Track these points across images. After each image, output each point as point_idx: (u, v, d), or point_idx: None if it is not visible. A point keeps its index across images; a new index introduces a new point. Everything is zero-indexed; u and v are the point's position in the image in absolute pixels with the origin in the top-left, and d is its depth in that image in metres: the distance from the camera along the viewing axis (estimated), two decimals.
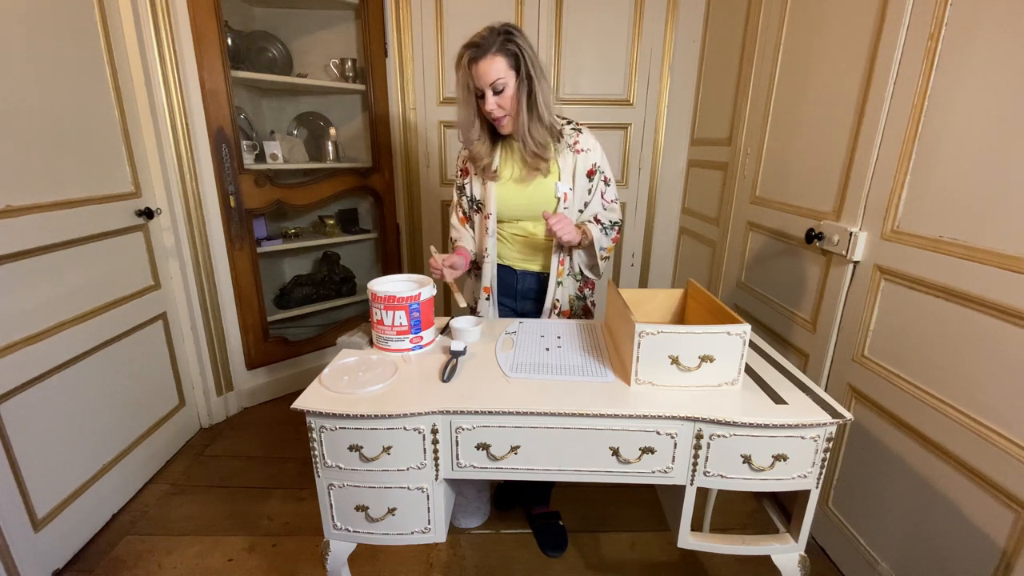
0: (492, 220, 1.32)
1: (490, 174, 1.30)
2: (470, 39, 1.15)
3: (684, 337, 0.93)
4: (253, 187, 2.11)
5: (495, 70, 1.13)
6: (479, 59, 1.13)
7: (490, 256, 1.34)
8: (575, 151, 1.28)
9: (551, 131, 1.24)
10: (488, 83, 1.13)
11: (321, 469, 0.96)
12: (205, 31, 1.87)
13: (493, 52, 1.12)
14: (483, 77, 1.13)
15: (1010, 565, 0.97)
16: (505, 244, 1.38)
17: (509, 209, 1.32)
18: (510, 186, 1.30)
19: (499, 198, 1.30)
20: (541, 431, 0.93)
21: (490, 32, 1.14)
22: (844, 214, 1.38)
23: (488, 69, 1.12)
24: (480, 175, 1.32)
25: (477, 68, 1.13)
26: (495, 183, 1.30)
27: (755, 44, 1.86)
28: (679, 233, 2.71)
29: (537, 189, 1.29)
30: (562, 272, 1.35)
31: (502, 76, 1.13)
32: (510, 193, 1.30)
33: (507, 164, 1.32)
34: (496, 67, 1.12)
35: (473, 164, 1.33)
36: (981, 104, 1.02)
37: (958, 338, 1.07)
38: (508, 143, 1.32)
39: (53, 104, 1.42)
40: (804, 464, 0.91)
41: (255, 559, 1.48)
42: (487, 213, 1.31)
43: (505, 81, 1.14)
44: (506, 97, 1.16)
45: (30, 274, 1.35)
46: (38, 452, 1.37)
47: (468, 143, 1.30)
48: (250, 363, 2.27)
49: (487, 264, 1.35)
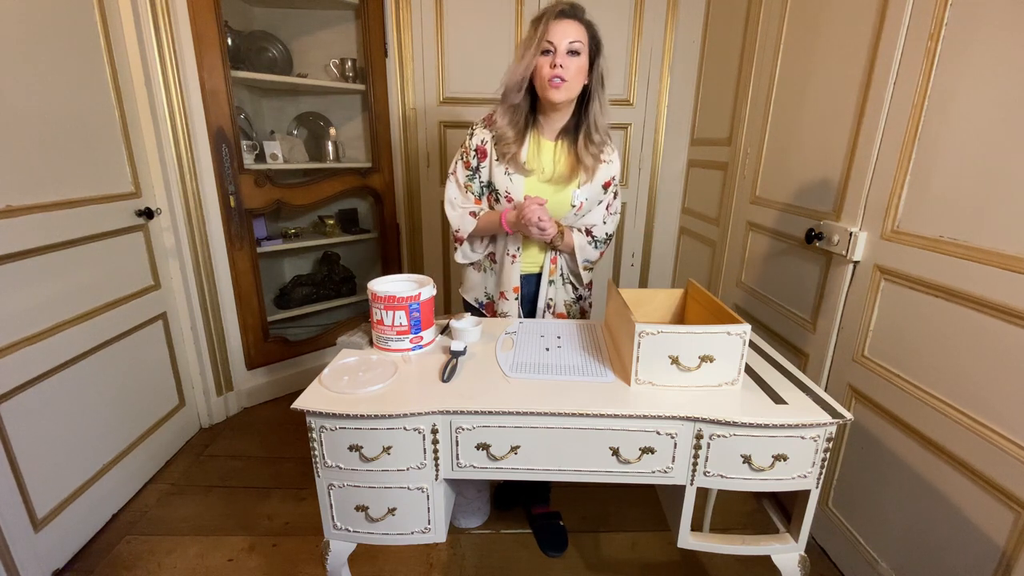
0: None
1: (519, 166, 1.20)
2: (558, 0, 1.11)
3: (684, 337, 0.93)
4: (253, 187, 2.11)
5: (578, 32, 1.09)
6: (570, 17, 1.09)
7: (520, 253, 1.30)
8: (600, 161, 1.25)
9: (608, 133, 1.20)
10: (567, 40, 1.08)
11: (321, 469, 0.96)
12: (205, 31, 1.87)
13: (582, 20, 1.10)
14: (565, 33, 1.08)
15: (1010, 565, 0.97)
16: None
17: None
18: (540, 186, 1.23)
19: (527, 194, 1.21)
20: (541, 431, 0.93)
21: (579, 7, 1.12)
22: (844, 214, 1.38)
23: (571, 28, 1.09)
24: (508, 164, 1.21)
25: (561, 24, 1.08)
26: (524, 178, 1.21)
27: (755, 44, 1.86)
28: (679, 233, 2.71)
29: (559, 193, 1.23)
30: (554, 271, 1.34)
31: (581, 40, 1.09)
32: (538, 193, 1.21)
33: (535, 160, 1.23)
34: (579, 31, 1.09)
35: (497, 147, 1.21)
36: (981, 104, 1.02)
37: (958, 338, 1.07)
38: (537, 138, 1.23)
39: (53, 104, 1.42)
40: (804, 464, 0.91)
41: (255, 559, 1.48)
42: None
43: (581, 47, 1.10)
44: (575, 62, 1.10)
45: (30, 274, 1.35)
46: (38, 452, 1.37)
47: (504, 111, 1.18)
48: (250, 363, 2.27)
49: (515, 264, 1.30)
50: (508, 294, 1.36)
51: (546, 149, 1.23)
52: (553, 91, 1.10)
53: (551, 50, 1.08)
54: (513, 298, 1.36)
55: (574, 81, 1.11)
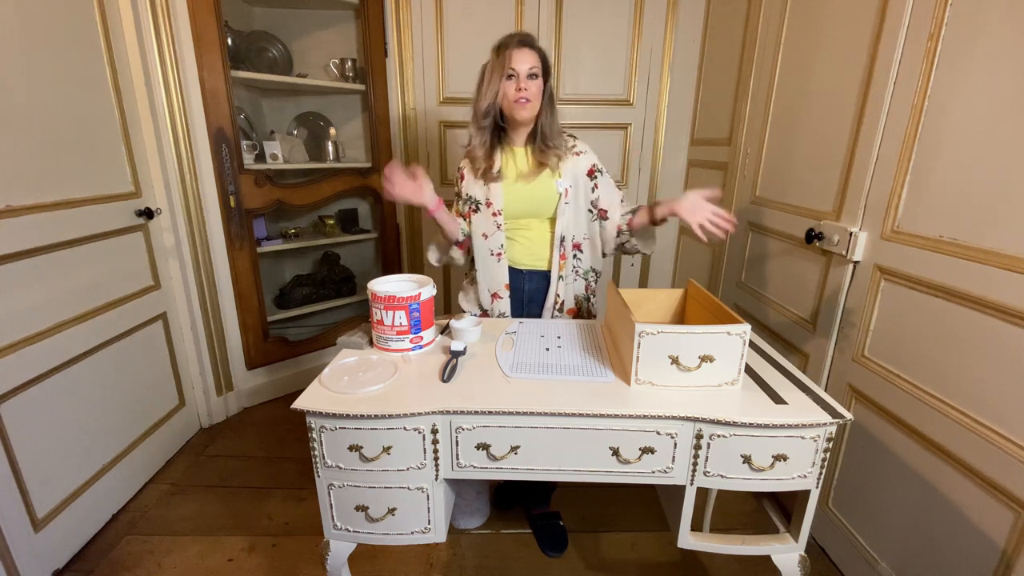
0: (501, 217, 1.35)
1: (492, 176, 1.35)
2: (513, 33, 1.29)
3: (684, 337, 0.93)
4: (253, 187, 2.11)
5: (534, 59, 1.27)
6: (527, 45, 1.26)
7: (504, 252, 1.37)
8: (574, 154, 1.37)
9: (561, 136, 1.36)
10: (528, 66, 1.25)
11: (321, 469, 0.96)
12: (205, 31, 1.87)
13: (535, 47, 1.28)
14: (526, 61, 1.25)
15: (1010, 565, 0.97)
16: (511, 242, 1.38)
17: (514, 205, 1.35)
18: (516, 185, 1.35)
19: (505, 195, 1.35)
20: (541, 431, 0.93)
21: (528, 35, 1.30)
22: (844, 214, 1.38)
23: (530, 56, 1.27)
24: (481, 178, 1.36)
25: (521, 52, 1.25)
26: (500, 183, 1.35)
27: (755, 44, 1.86)
28: (679, 233, 2.71)
29: (540, 187, 1.34)
30: (563, 267, 1.36)
31: (537, 67, 1.27)
32: (515, 191, 1.35)
33: (509, 167, 1.37)
34: (535, 59, 1.27)
35: (472, 165, 1.38)
36: (981, 104, 1.02)
37: (958, 338, 1.07)
38: (509, 149, 1.38)
39: (53, 104, 1.42)
40: (804, 464, 0.91)
41: (255, 559, 1.48)
42: (496, 210, 1.34)
43: (538, 71, 1.27)
44: (535, 84, 1.27)
45: (30, 274, 1.35)
46: (38, 452, 1.37)
47: (475, 134, 1.35)
48: (250, 363, 2.27)
49: (501, 263, 1.37)
50: (501, 292, 1.39)
51: (519, 155, 1.38)
52: (520, 109, 1.27)
53: (514, 75, 1.25)
54: (506, 295, 1.38)
55: (536, 100, 1.28)
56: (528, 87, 1.25)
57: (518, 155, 1.37)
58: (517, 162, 1.37)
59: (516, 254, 1.39)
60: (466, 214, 1.40)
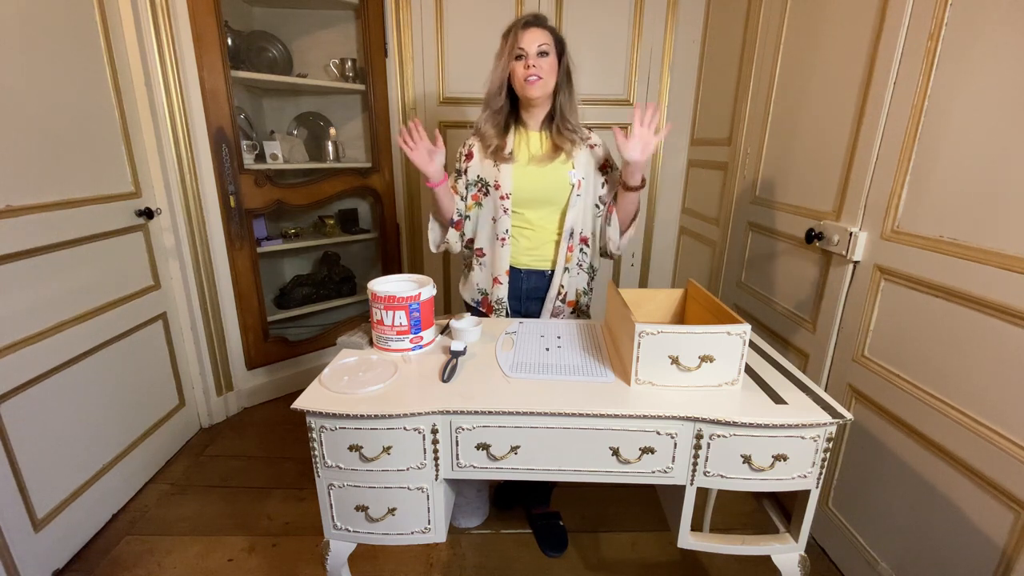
0: (509, 201, 1.33)
1: (503, 156, 1.33)
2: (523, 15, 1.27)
3: (684, 337, 0.93)
4: (253, 187, 2.11)
5: (543, 37, 1.25)
6: (535, 25, 1.24)
7: (509, 237, 1.35)
8: (589, 146, 1.36)
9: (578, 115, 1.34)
10: (536, 44, 1.23)
11: (321, 469, 0.96)
12: (205, 31, 1.87)
13: (546, 27, 1.26)
14: (533, 39, 1.23)
15: (1010, 565, 0.97)
16: (513, 240, 1.37)
17: (524, 191, 1.33)
18: (528, 168, 1.33)
19: (515, 178, 1.33)
20: (541, 431, 0.93)
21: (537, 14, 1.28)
22: (844, 214, 1.38)
23: (539, 34, 1.24)
24: (491, 157, 1.33)
25: (528, 32, 1.23)
26: (511, 165, 1.32)
27: (755, 44, 1.86)
28: (679, 233, 2.71)
29: (553, 172, 1.33)
30: (571, 259, 1.36)
31: (548, 43, 1.24)
32: (527, 175, 1.33)
33: (522, 149, 1.35)
34: (545, 36, 1.25)
35: (481, 143, 1.35)
36: (981, 104, 1.02)
37: (958, 338, 1.07)
38: (523, 131, 1.36)
39: (53, 105, 1.42)
40: (804, 464, 0.91)
41: (255, 559, 1.48)
42: (504, 193, 1.32)
43: (549, 48, 1.25)
44: (546, 61, 1.25)
45: (30, 274, 1.35)
46: (38, 452, 1.37)
47: (487, 116, 1.34)
48: (250, 363, 2.27)
49: (505, 247, 1.35)
50: (501, 278, 1.38)
51: (533, 138, 1.36)
52: (530, 87, 1.25)
53: (523, 55, 1.24)
54: (505, 281, 1.38)
55: (548, 77, 1.26)
56: (539, 64, 1.23)
57: (532, 139, 1.35)
58: (531, 145, 1.35)
59: (516, 253, 1.38)
60: (474, 196, 1.38)
